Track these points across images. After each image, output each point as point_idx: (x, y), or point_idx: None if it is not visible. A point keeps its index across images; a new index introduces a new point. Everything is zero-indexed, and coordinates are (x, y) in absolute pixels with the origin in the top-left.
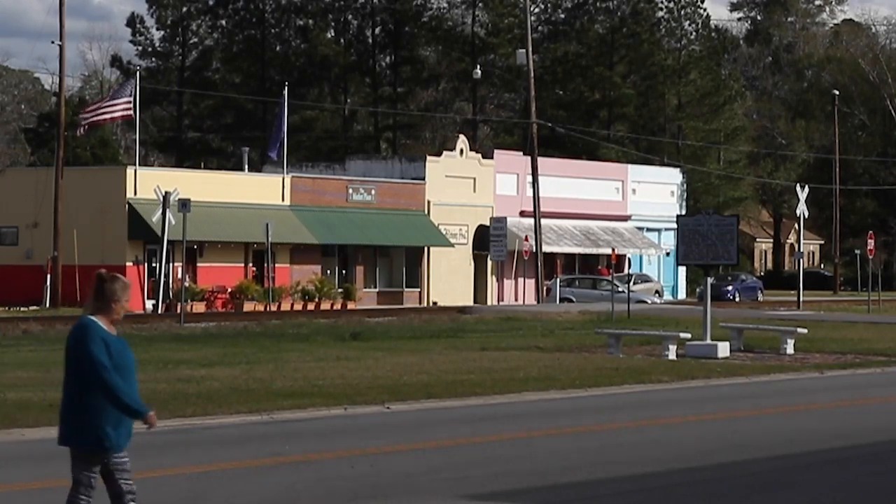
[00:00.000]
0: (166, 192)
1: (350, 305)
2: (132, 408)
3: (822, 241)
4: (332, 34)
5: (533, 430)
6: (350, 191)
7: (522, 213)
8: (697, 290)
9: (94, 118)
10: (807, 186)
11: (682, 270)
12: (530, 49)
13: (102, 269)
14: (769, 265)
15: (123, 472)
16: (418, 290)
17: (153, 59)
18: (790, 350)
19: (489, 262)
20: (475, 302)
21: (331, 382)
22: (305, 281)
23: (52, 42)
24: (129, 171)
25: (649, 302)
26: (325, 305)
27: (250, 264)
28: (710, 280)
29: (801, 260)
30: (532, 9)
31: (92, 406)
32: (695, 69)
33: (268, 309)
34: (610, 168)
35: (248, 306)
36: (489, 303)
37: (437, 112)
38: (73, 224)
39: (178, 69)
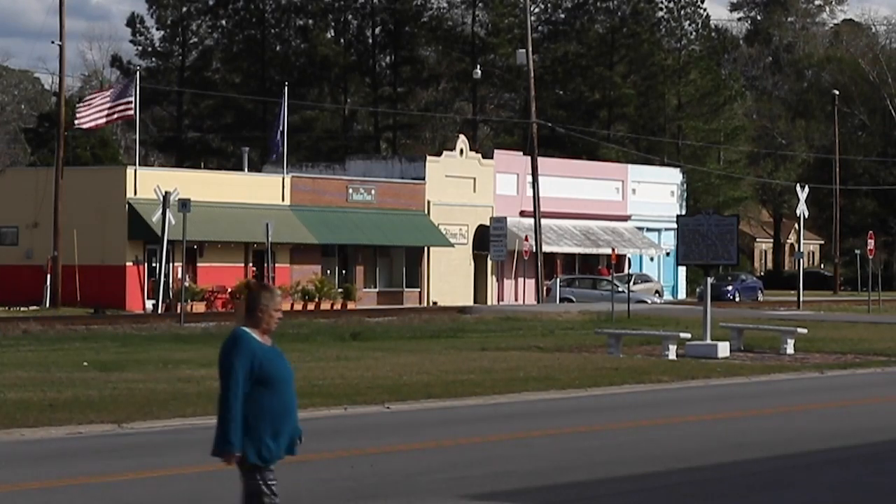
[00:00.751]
0: (166, 192)
1: (350, 305)
2: (226, 436)
3: (822, 241)
4: (332, 34)
5: (533, 430)
6: (350, 191)
7: (522, 213)
8: (697, 290)
9: (95, 121)
10: (807, 186)
11: (682, 270)
12: (530, 49)
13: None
14: (769, 265)
15: (272, 482)
16: (418, 290)
17: (153, 59)
18: (790, 350)
19: (489, 262)
20: (475, 302)
21: (331, 382)
22: (305, 281)
23: (52, 42)
24: (129, 171)
25: (649, 302)
26: (325, 305)
27: (250, 264)
28: (710, 280)
29: (801, 260)
30: (532, 9)
31: (249, 417)
32: (695, 69)
33: None
34: (610, 168)
35: None
36: (489, 303)
37: (437, 112)
38: (73, 224)
39: (178, 69)
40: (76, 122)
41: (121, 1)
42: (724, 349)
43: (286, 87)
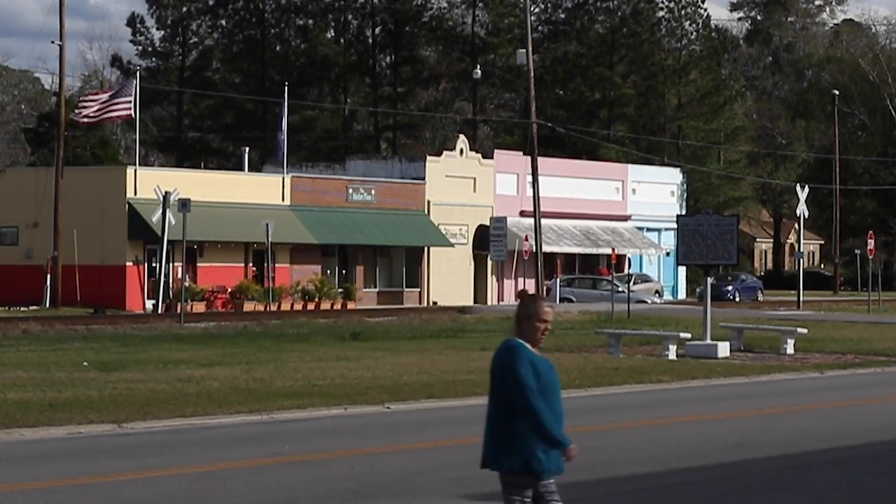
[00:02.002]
0: (166, 192)
1: (350, 305)
2: (552, 436)
3: (822, 241)
4: (332, 34)
5: None
6: (350, 191)
7: (522, 213)
8: (697, 290)
9: (95, 118)
10: (807, 186)
11: (682, 270)
12: (530, 49)
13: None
14: (769, 265)
15: (552, 494)
16: (418, 290)
17: (153, 59)
18: (790, 350)
19: (489, 262)
20: (475, 302)
21: (331, 382)
22: (305, 281)
23: (52, 42)
24: (129, 171)
25: (649, 302)
26: (325, 305)
27: (250, 264)
28: (710, 280)
29: (801, 260)
30: (532, 9)
31: (520, 429)
32: (695, 69)
33: (268, 309)
34: (610, 168)
35: (248, 306)
36: (489, 303)
37: (437, 112)
38: (73, 224)
39: (178, 69)
40: (75, 116)
41: (119, 1)
42: (724, 349)
43: (286, 87)
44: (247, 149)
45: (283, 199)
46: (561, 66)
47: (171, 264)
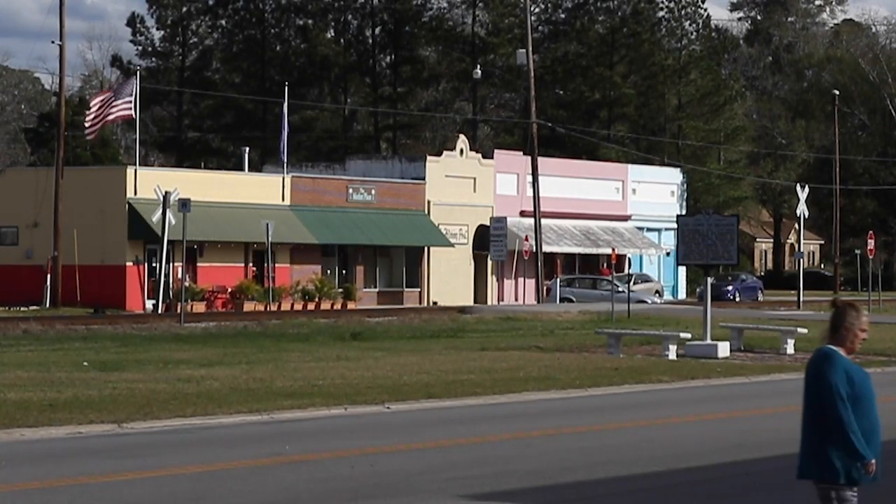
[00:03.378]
0: (166, 192)
1: (350, 305)
2: (855, 448)
3: (822, 241)
4: (332, 34)
5: (533, 430)
6: (350, 191)
7: (522, 213)
8: (697, 290)
9: (101, 120)
10: (807, 186)
11: (682, 270)
12: (530, 49)
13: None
14: (769, 265)
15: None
16: (418, 290)
17: (153, 59)
18: (790, 350)
19: (489, 262)
20: (475, 302)
21: (331, 382)
22: (305, 281)
23: (52, 42)
24: (129, 171)
25: (649, 302)
26: (325, 305)
27: (250, 264)
28: (710, 280)
29: (801, 260)
30: (532, 9)
31: (833, 438)
32: (695, 69)
33: (268, 309)
34: (610, 168)
35: (248, 306)
36: (489, 303)
37: (437, 112)
38: (73, 224)
39: (178, 69)
40: (86, 132)
41: (118, 0)
42: (724, 349)
43: (286, 87)
44: (247, 149)
45: (283, 199)
46: (561, 66)
47: (171, 264)
